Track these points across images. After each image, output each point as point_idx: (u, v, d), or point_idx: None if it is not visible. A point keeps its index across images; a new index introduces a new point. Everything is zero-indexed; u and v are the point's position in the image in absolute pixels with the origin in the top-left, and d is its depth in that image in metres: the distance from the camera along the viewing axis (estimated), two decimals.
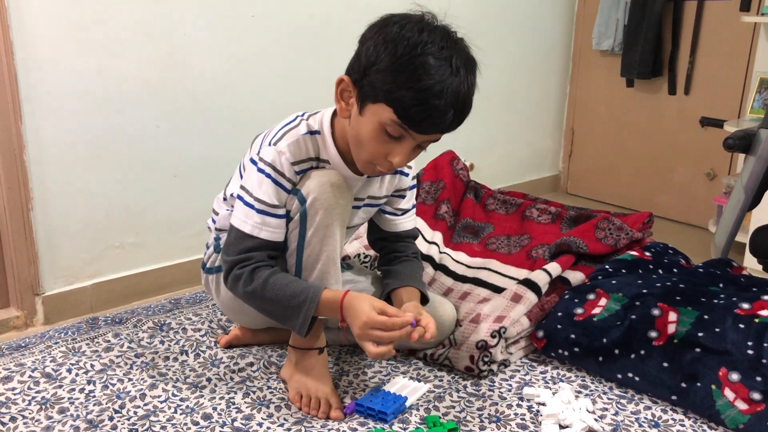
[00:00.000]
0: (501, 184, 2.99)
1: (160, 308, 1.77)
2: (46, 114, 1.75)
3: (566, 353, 1.49)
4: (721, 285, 1.57)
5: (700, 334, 1.36)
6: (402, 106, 1.14)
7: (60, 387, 1.41)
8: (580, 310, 1.52)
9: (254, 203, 1.28)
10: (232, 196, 1.39)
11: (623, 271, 1.65)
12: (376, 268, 1.65)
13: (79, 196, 1.85)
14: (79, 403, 1.35)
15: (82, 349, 1.56)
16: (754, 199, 1.64)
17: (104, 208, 1.90)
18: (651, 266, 1.68)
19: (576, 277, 1.68)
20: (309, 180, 1.28)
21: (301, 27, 2.20)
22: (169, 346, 1.58)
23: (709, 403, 1.30)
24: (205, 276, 1.52)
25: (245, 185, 1.31)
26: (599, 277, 1.64)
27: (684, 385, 1.34)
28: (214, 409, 1.34)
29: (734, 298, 1.43)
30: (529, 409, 1.36)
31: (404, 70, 1.13)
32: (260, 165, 1.28)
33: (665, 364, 1.37)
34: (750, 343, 1.32)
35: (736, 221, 1.67)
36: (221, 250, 1.37)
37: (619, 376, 1.43)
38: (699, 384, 1.32)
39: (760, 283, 1.56)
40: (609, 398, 1.40)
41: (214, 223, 1.50)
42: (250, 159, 1.32)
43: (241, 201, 1.30)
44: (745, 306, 1.40)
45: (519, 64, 2.98)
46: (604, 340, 1.45)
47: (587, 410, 1.34)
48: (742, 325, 1.35)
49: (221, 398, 1.38)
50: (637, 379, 1.40)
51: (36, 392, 1.39)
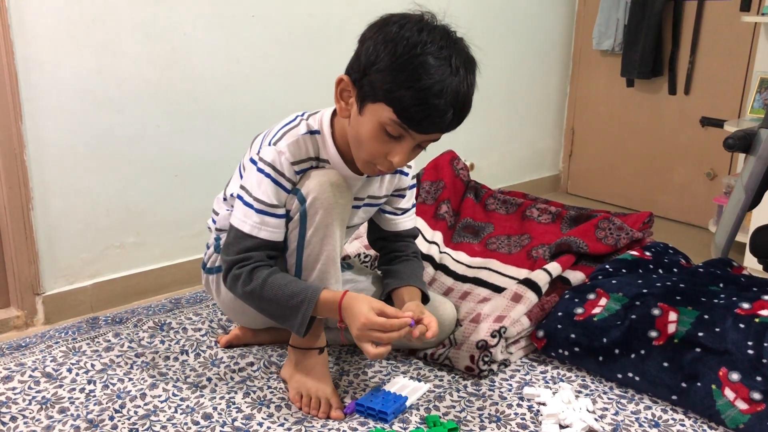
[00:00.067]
0: (501, 183, 2.99)
1: (160, 308, 1.77)
2: (47, 114, 1.75)
3: (566, 353, 1.49)
4: (722, 285, 1.56)
5: (701, 334, 1.36)
6: (402, 106, 1.14)
7: (60, 387, 1.41)
8: (580, 310, 1.52)
9: (253, 203, 1.28)
10: (232, 196, 1.39)
11: (623, 270, 1.65)
12: (377, 267, 1.65)
13: (80, 196, 1.85)
14: (80, 403, 1.35)
15: (83, 348, 1.56)
16: (755, 199, 1.64)
17: (104, 208, 1.90)
18: (651, 266, 1.68)
19: (576, 276, 1.67)
20: (309, 180, 1.28)
21: (301, 27, 2.20)
22: (170, 345, 1.58)
23: (710, 403, 1.30)
24: (205, 276, 1.52)
25: (245, 185, 1.31)
26: (599, 277, 1.63)
27: (684, 384, 1.34)
28: (215, 409, 1.34)
29: (734, 298, 1.43)
30: (530, 408, 1.36)
31: (404, 70, 1.13)
32: (260, 165, 1.28)
33: (665, 364, 1.37)
34: (750, 343, 1.32)
35: (736, 221, 1.67)
36: (221, 249, 1.37)
37: (620, 376, 1.43)
38: (699, 384, 1.32)
39: (760, 283, 1.56)
40: (609, 398, 1.40)
41: (215, 223, 1.50)
42: (250, 159, 1.32)
43: (241, 201, 1.30)
44: (746, 306, 1.40)
45: (519, 64, 2.98)
46: (605, 340, 1.45)
47: (587, 410, 1.34)
48: (742, 325, 1.35)
49: (221, 398, 1.38)
50: (638, 378, 1.40)
51: (36, 392, 1.39)
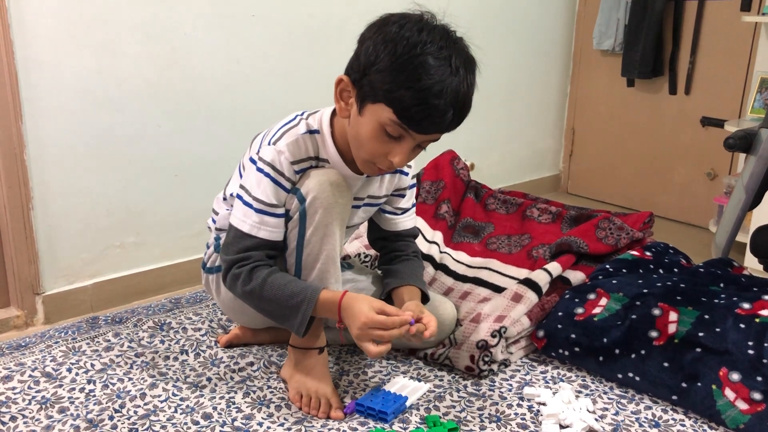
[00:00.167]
0: (501, 183, 2.99)
1: (160, 308, 1.77)
2: (47, 114, 1.75)
3: (567, 353, 1.49)
4: (722, 285, 1.56)
5: (701, 334, 1.36)
6: (401, 106, 1.14)
7: (60, 386, 1.41)
8: (580, 310, 1.52)
9: (253, 202, 1.28)
10: (231, 195, 1.39)
11: (624, 270, 1.65)
12: (377, 267, 1.65)
13: (80, 196, 1.85)
14: (80, 403, 1.35)
15: (83, 348, 1.56)
16: (755, 199, 1.64)
17: (104, 208, 1.90)
18: (651, 266, 1.68)
19: (576, 276, 1.67)
20: (308, 179, 1.28)
21: (301, 27, 2.20)
22: (170, 345, 1.58)
23: (710, 403, 1.29)
24: (205, 276, 1.52)
25: (244, 184, 1.31)
26: (600, 277, 1.63)
27: (684, 385, 1.34)
28: (214, 409, 1.34)
29: (735, 298, 1.43)
30: (530, 408, 1.36)
31: (404, 70, 1.13)
32: (259, 164, 1.28)
33: (666, 364, 1.37)
34: (750, 343, 1.32)
35: (736, 221, 1.67)
36: (220, 249, 1.37)
37: (620, 376, 1.43)
38: (699, 384, 1.32)
39: (760, 283, 1.56)
40: (609, 398, 1.40)
41: (215, 222, 1.50)
42: (250, 158, 1.32)
43: (240, 200, 1.30)
44: (746, 306, 1.40)
45: (519, 64, 2.98)
46: (605, 340, 1.45)
47: (587, 410, 1.34)
48: (742, 325, 1.35)
49: (221, 398, 1.38)
50: (638, 378, 1.40)
51: (36, 392, 1.39)
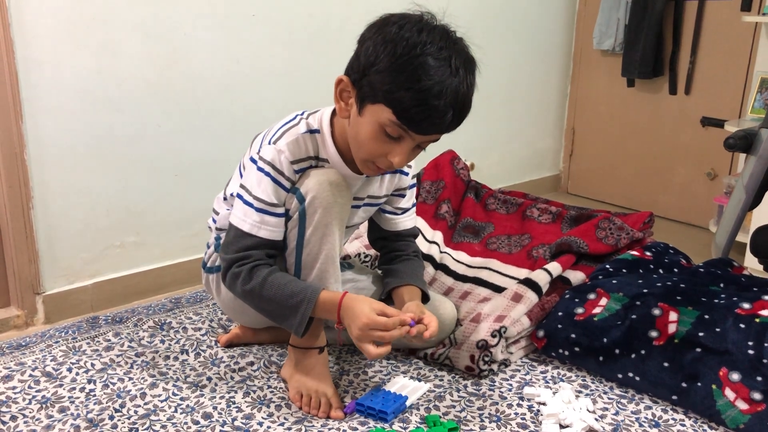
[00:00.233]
0: (501, 183, 2.99)
1: (160, 307, 1.77)
2: (47, 114, 1.75)
3: (567, 353, 1.49)
4: (722, 285, 1.56)
5: (701, 334, 1.36)
6: (401, 107, 1.14)
7: (60, 386, 1.41)
8: (580, 310, 1.52)
9: (253, 202, 1.28)
10: (232, 195, 1.39)
11: (624, 270, 1.65)
12: (377, 267, 1.65)
13: (80, 196, 1.85)
14: (80, 402, 1.35)
15: (83, 348, 1.56)
16: (755, 199, 1.64)
17: (104, 208, 1.90)
18: (652, 266, 1.68)
19: (576, 276, 1.67)
20: (308, 179, 1.28)
21: (301, 27, 2.20)
22: (170, 345, 1.58)
23: (710, 403, 1.29)
24: (205, 275, 1.52)
25: (245, 184, 1.31)
26: (600, 277, 1.63)
27: (684, 384, 1.34)
28: (215, 409, 1.34)
29: (735, 298, 1.43)
30: (530, 408, 1.36)
31: (403, 71, 1.13)
32: (260, 164, 1.28)
33: (666, 364, 1.37)
34: (750, 343, 1.32)
35: (736, 221, 1.67)
36: (220, 248, 1.37)
37: (620, 376, 1.43)
38: (699, 384, 1.32)
39: (760, 283, 1.56)
40: (609, 398, 1.40)
41: (215, 222, 1.50)
42: (250, 158, 1.32)
43: (241, 199, 1.30)
44: (746, 306, 1.40)
45: (519, 64, 2.98)
46: (605, 340, 1.45)
47: (588, 410, 1.34)
48: (742, 325, 1.35)
49: (221, 397, 1.38)
50: (638, 378, 1.40)
51: (36, 391, 1.39)
